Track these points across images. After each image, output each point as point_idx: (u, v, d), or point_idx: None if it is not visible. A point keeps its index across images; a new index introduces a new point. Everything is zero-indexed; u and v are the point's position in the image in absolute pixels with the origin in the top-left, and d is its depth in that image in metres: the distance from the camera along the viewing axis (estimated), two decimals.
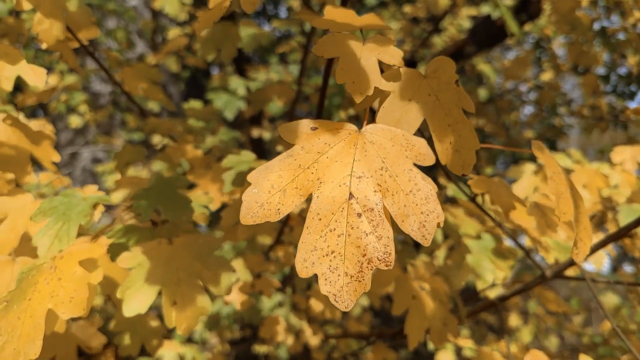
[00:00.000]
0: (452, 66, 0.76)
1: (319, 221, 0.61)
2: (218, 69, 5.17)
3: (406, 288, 1.39)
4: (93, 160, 4.46)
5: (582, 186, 1.77)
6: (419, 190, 0.62)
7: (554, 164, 0.81)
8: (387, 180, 0.63)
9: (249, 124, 3.99)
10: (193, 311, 0.92)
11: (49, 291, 0.79)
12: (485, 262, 1.58)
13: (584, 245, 0.83)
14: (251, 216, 0.62)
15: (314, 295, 2.39)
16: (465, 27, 4.48)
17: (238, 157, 1.37)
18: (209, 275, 0.95)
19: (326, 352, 3.04)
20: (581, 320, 5.42)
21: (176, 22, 4.75)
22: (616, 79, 4.27)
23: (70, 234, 0.94)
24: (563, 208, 0.78)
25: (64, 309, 0.78)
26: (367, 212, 0.61)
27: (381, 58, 0.72)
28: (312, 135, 0.67)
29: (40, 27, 1.16)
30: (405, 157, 0.65)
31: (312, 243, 0.61)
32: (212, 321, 3.17)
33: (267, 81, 3.45)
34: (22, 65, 1.10)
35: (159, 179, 1.09)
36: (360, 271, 0.59)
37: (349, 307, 0.59)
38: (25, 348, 0.73)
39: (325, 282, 0.59)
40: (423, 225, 0.61)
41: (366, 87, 0.69)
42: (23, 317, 0.76)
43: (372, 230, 0.60)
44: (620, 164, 1.83)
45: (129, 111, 4.40)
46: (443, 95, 0.74)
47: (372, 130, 0.67)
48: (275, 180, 0.64)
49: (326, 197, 0.62)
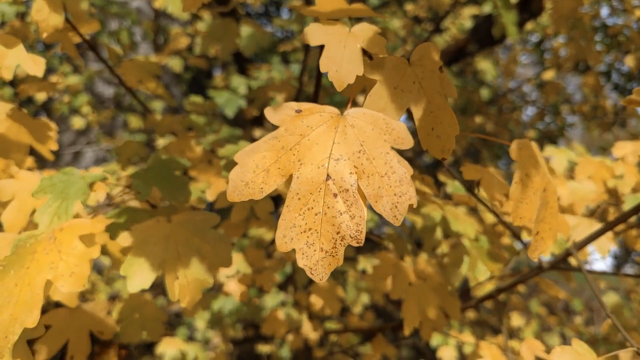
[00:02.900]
0: (436, 53, 0.77)
1: (298, 200, 0.65)
2: (220, 70, 5.20)
3: (403, 275, 1.43)
4: (96, 161, 4.49)
5: (587, 177, 1.77)
6: (394, 173, 0.65)
7: (529, 165, 0.83)
8: (364, 162, 0.66)
9: (251, 125, 4.01)
10: (195, 284, 0.95)
11: (48, 262, 0.80)
12: (479, 264, 1.61)
13: (543, 244, 0.86)
14: (237, 194, 0.65)
15: (315, 292, 2.41)
16: (466, 27, 4.48)
17: (236, 147, 1.39)
18: (208, 249, 0.97)
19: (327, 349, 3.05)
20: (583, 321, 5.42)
21: (178, 23, 4.78)
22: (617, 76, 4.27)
23: (68, 211, 0.96)
24: (521, 213, 0.81)
25: (63, 282, 0.79)
26: (342, 192, 0.64)
27: (365, 46, 0.74)
28: (296, 117, 0.69)
29: (39, 16, 1.17)
30: (384, 141, 0.67)
31: (291, 220, 0.64)
32: (215, 319, 3.18)
33: (268, 80, 3.46)
34: (21, 54, 1.11)
35: (157, 160, 1.11)
36: (334, 247, 0.63)
37: (324, 279, 0.63)
38: (22, 315, 0.75)
39: (302, 257, 0.63)
40: (395, 206, 0.64)
41: (348, 75, 0.71)
42: (20, 284, 0.77)
43: (347, 210, 0.64)
44: (622, 158, 1.83)
45: (131, 111, 4.42)
46: (427, 83, 0.75)
47: (353, 114, 0.69)
48: (260, 161, 0.66)
49: (305, 178, 0.65)
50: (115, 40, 4.10)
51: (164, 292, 3.43)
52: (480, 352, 1.69)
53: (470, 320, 4.22)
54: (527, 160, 0.82)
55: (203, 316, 3.28)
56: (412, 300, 1.41)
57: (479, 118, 4.77)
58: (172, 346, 2.79)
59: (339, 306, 2.37)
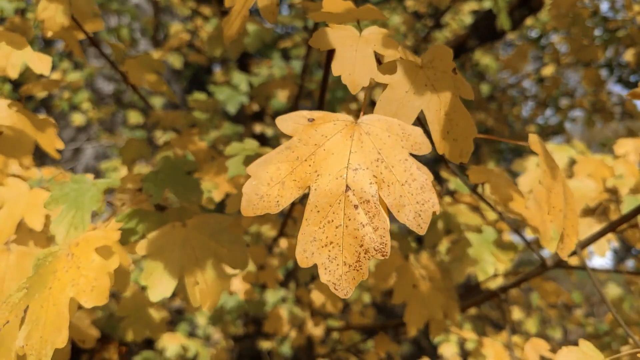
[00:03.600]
0: (449, 55, 0.76)
1: (317, 213, 0.63)
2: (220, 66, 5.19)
3: (407, 277, 1.42)
4: (96, 158, 4.48)
5: (587, 175, 1.77)
6: (415, 180, 0.64)
7: (550, 159, 0.83)
8: (383, 171, 0.64)
9: (251, 120, 4.01)
10: (215, 287, 0.95)
11: (69, 279, 0.80)
12: (486, 254, 1.60)
13: (570, 242, 0.84)
14: (252, 208, 0.64)
15: (316, 288, 2.41)
16: (466, 22, 4.48)
17: (242, 145, 1.38)
18: (224, 251, 0.98)
19: (329, 346, 3.05)
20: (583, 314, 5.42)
21: (178, 19, 4.76)
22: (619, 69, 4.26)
23: (84, 221, 0.96)
24: (553, 202, 0.80)
25: (86, 298, 0.79)
26: (363, 203, 0.63)
27: (377, 50, 0.73)
28: (309, 126, 0.67)
29: (45, 14, 1.16)
30: (401, 147, 0.66)
31: (311, 234, 0.63)
32: (216, 316, 3.18)
33: (269, 76, 3.46)
34: (28, 53, 1.10)
35: (167, 161, 1.10)
36: (358, 261, 0.62)
37: (348, 294, 0.61)
38: (52, 337, 0.74)
39: (325, 272, 0.62)
40: (419, 215, 0.63)
41: (362, 79, 0.71)
42: (46, 305, 0.77)
43: (369, 222, 0.62)
44: (624, 155, 1.83)
45: (132, 107, 4.41)
46: (440, 85, 0.75)
47: (368, 121, 0.68)
48: (274, 173, 0.65)
49: (323, 190, 0.64)
50: (115, 37, 4.08)
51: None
52: (483, 350, 1.70)
53: (471, 315, 4.23)
54: (546, 153, 0.82)
55: (204, 312, 3.28)
56: (416, 303, 1.39)
57: (480, 114, 4.77)
58: (173, 341, 2.78)
59: (341, 303, 2.37)
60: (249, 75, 3.42)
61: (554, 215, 0.79)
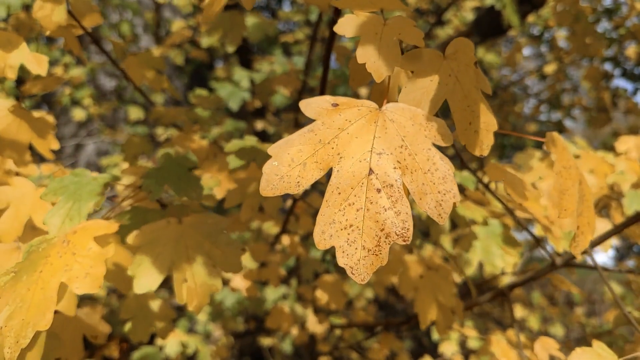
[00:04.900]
0: (471, 48, 0.76)
1: (338, 195, 0.62)
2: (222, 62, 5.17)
3: (414, 268, 1.41)
4: (98, 154, 4.46)
5: (589, 171, 1.77)
6: (437, 170, 0.63)
7: (565, 158, 0.82)
8: (407, 158, 0.64)
9: (253, 117, 3.99)
10: (204, 288, 0.93)
11: (62, 264, 0.79)
12: (494, 247, 1.59)
13: (584, 240, 0.84)
14: (271, 188, 0.63)
15: (320, 286, 2.40)
16: (468, 19, 4.47)
17: (242, 141, 1.38)
18: (218, 253, 0.96)
19: (332, 343, 3.05)
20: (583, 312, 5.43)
21: (180, 15, 4.74)
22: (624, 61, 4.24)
23: (81, 213, 0.95)
24: (565, 205, 0.79)
25: (78, 284, 0.78)
26: (386, 187, 0.62)
27: (402, 38, 0.72)
28: (333, 111, 0.67)
29: (40, 13, 1.15)
30: (425, 137, 0.65)
31: (330, 216, 0.62)
32: (216, 312, 3.17)
33: (271, 72, 3.44)
34: (24, 53, 1.10)
35: (168, 158, 1.09)
36: (377, 245, 0.61)
37: (365, 279, 0.60)
38: (35, 319, 0.73)
39: (342, 255, 0.61)
40: (440, 204, 0.62)
41: (387, 67, 0.69)
42: (33, 288, 0.76)
43: (391, 206, 0.61)
44: (625, 153, 1.83)
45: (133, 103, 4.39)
46: (463, 77, 0.74)
47: (392, 109, 0.68)
48: (296, 154, 0.64)
49: (346, 172, 0.63)
50: (117, 33, 4.07)
51: (164, 285, 3.42)
52: (491, 348, 1.69)
53: (472, 312, 4.22)
54: (562, 152, 0.81)
55: (204, 309, 3.27)
56: (425, 292, 1.38)
57: None
58: (173, 338, 2.77)
59: (344, 301, 2.36)
60: (251, 71, 3.40)
61: (565, 216, 0.79)
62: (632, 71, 4.21)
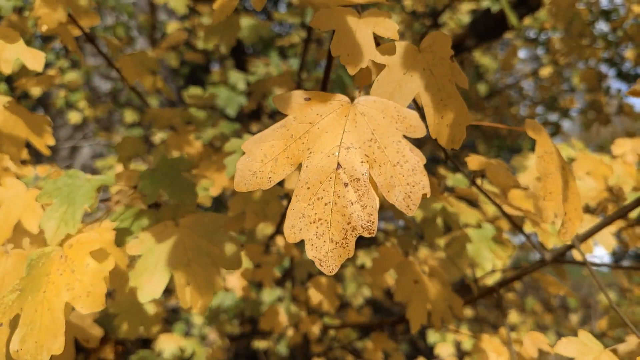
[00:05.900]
0: (447, 41, 0.76)
1: (307, 190, 0.64)
2: (218, 64, 5.18)
3: (409, 273, 1.40)
4: (93, 156, 4.46)
5: (586, 173, 1.76)
6: (407, 162, 0.64)
7: (547, 144, 0.82)
8: (375, 151, 0.65)
9: (248, 119, 3.99)
10: (207, 289, 0.94)
11: (64, 283, 0.79)
12: (484, 251, 1.59)
13: (572, 226, 0.83)
14: (244, 184, 0.64)
15: (313, 287, 2.39)
16: (464, 22, 4.47)
17: (241, 141, 1.38)
18: (217, 251, 0.96)
19: (326, 344, 3.04)
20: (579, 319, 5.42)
21: (175, 17, 4.75)
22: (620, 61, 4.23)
23: (75, 217, 0.94)
24: (549, 187, 0.79)
25: (82, 304, 0.78)
26: (353, 182, 0.63)
27: (376, 31, 0.72)
28: (305, 105, 0.68)
29: (41, 11, 1.16)
30: (396, 129, 0.66)
31: (300, 210, 0.63)
32: (212, 315, 3.17)
33: (266, 74, 3.44)
34: (21, 48, 1.09)
35: (163, 160, 1.09)
36: (344, 238, 0.62)
37: (334, 271, 0.62)
38: (48, 342, 0.74)
39: (311, 248, 0.62)
40: (408, 196, 0.63)
41: (360, 59, 0.70)
42: (40, 309, 0.76)
43: (358, 200, 0.63)
44: (621, 156, 1.82)
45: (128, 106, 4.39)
46: (437, 70, 0.74)
47: (364, 102, 0.68)
48: (268, 150, 0.65)
49: (315, 167, 0.64)
50: (112, 35, 4.07)
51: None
52: (482, 345, 1.69)
53: (468, 317, 4.22)
54: (543, 138, 0.81)
55: None
56: (418, 299, 1.37)
57: (477, 114, 4.77)
58: (170, 342, 2.77)
59: (338, 302, 2.36)
60: (246, 73, 3.40)
61: (550, 200, 0.78)
62: (627, 72, 4.21)
